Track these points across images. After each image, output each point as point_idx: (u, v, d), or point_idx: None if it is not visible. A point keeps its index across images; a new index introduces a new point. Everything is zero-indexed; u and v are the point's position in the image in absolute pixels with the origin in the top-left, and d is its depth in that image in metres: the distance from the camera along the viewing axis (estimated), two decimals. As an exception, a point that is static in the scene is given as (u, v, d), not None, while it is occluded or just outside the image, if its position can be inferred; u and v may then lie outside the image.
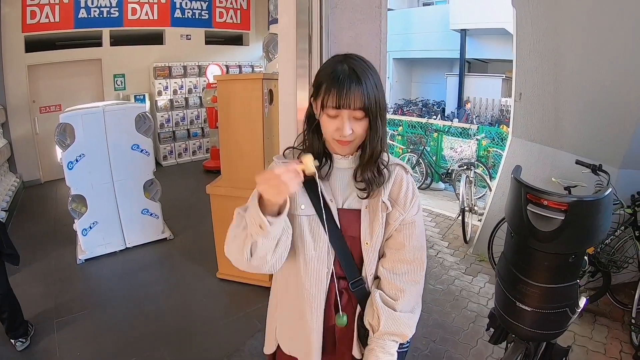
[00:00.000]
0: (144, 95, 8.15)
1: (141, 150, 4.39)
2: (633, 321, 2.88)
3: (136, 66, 8.03)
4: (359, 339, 1.30)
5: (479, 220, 4.67)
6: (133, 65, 8.00)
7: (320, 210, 1.21)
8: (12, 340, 2.89)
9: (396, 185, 1.25)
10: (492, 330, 2.21)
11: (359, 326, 1.28)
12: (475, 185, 5.19)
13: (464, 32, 13.55)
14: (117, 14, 7.55)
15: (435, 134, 7.32)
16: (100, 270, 4.11)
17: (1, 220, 3.10)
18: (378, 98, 1.12)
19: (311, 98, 1.20)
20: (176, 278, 3.98)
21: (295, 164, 1.05)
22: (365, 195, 1.22)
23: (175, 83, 8.37)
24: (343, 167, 1.26)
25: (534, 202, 1.81)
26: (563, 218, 1.72)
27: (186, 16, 8.45)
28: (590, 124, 3.37)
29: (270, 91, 3.41)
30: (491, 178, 5.75)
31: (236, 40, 9.53)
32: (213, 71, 8.12)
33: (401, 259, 1.25)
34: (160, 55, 8.26)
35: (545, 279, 1.81)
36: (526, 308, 1.86)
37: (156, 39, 8.32)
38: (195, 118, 8.75)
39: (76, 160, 4.00)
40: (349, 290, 1.27)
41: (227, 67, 8.80)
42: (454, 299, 3.53)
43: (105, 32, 7.55)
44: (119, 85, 7.95)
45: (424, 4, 17.13)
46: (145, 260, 4.31)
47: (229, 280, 3.72)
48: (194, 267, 4.07)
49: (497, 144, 6.64)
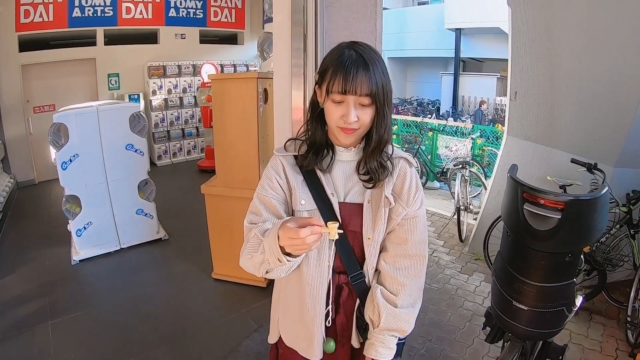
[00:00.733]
0: (139, 95, 8.11)
1: (135, 150, 4.36)
2: (628, 319, 2.90)
3: (130, 65, 7.97)
4: (358, 330, 1.30)
5: (474, 219, 4.68)
6: (127, 65, 7.94)
7: (321, 204, 1.20)
8: None
9: (400, 179, 1.24)
10: (489, 329, 2.21)
11: (358, 317, 1.28)
12: (470, 184, 5.19)
13: (458, 31, 13.59)
14: (112, 13, 7.49)
15: (430, 133, 7.32)
16: (94, 271, 4.07)
17: None
18: (385, 85, 1.10)
19: (316, 85, 1.17)
20: (171, 278, 3.96)
21: (319, 227, 1.02)
22: (370, 185, 1.20)
23: (169, 82, 8.32)
24: (345, 160, 1.24)
25: (531, 201, 1.81)
26: (560, 217, 1.71)
27: (181, 15, 8.40)
28: (586, 123, 3.38)
29: (265, 90, 3.39)
30: (486, 177, 5.75)
31: (231, 39, 9.50)
32: (207, 70, 8.07)
33: (403, 254, 1.24)
34: (155, 55, 8.20)
35: (541, 278, 1.80)
36: (523, 307, 1.86)
37: (150, 38, 8.27)
38: (190, 117, 8.71)
39: (70, 161, 3.96)
40: (349, 285, 1.26)
41: (222, 67, 8.77)
42: (450, 297, 3.53)
43: (100, 32, 7.50)
44: (113, 84, 7.90)
45: (419, 3, 17.17)
46: (140, 261, 4.28)
47: (224, 281, 3.70)
48: (189, 267, 4.05)
49: (492, 143, 6.66)
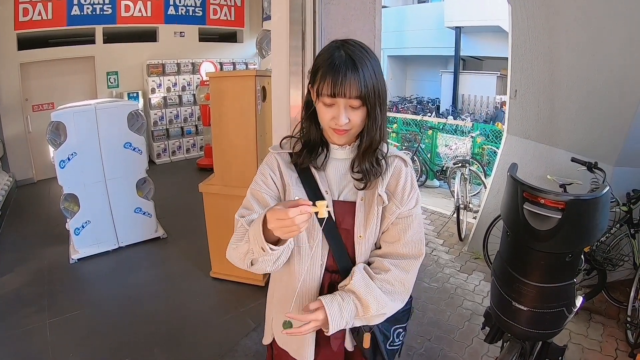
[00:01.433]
0: (138, 93, 8.08)
1: (134, 149, 4.34)
2: (628, 319, 2.89)
3: (129, 64, 7.94)
4: (351, 332, 1.29)
5: (473, 218, 4.67)
6: (126, 63, 7.91)
7: (315, 202, 1.20)
8: None
9: (394, 177, 1.23)
10: (488, 329, 2.20)
11: None
12: (470, 182, 5.18)
13: (458, 30, 13.58)
14: (110, 11, 7.46)
15: (430, 132, 7.31)
16: (93, 270, 4.07)
17: None
18: (376, 86, 1.08)
19: (309, 85, 1.17)
20: (169, 277, 3.95)
21: (308, 207, 1.00)
22: (362, 186, 1.19)
23: (168, 80, 8.29)
24: (340, 158, 1.24)
25: (531, 201, 1.79)
26: (560, 217, 1.70)
27: (180, 13, 8.37)
28: (586, 121, 3.37)
29: (263, 88, 3.37)
30: (486, 175, 5.74)
31: (230, 37, 9.47)
32: (207, 68, 8.05)
33: (394, 252, 1.23)
34: (154, 53, 8.17)
35: (541, 278, 1.79)
36: (522, 307, 1.84)
37: (149, 36, 8.24)
38: (189, 115, 8.69)
39: (68, 159, 3.95)
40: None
41: (221, 65, 8.74)
42: (449, 297, 3.52)
43: (98, 30, 7.47)
44: (112, 82, 7.87)
45: (419, 1, 17.15)
46: (138, 260, 4.27)
47: (223, 279, 3.69)
48: (188, 266, 4.04)
49: (492, 142, 6.65)
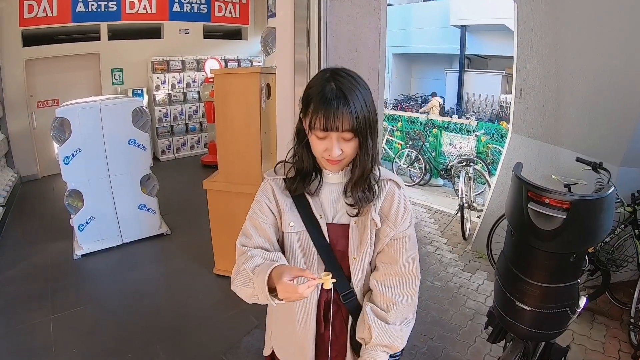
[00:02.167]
0: (142, 90, 8.11)
1: (138, 145, 4.35)
2: (632, 320, 2.87)
3: (134, 60, 7.97)
4: (352, 349, 1.31)
5: (477, 217, 4.66)
6: (131, 60, 7.93)
7: (309, 226, 1.24)
8: None
9: (387, 200, 1.25)
10: (491, 328, 2.19)
11: (352, 336, 1.29)
12: (474, 181, 5.17)
13: (464, 28, 13.52)
14: (115, 8, 7.47)
15: (434, 130, 7.29)
16: (96, 266, 4.08)
17: None
18: (367, 117, 1.10)
19: (301, 113, 1.19)
20: (173, 274, 3.96)
21: (314, 280, 1.05)
22: (355, 212, 1.21)
23: (173, 77, 8.30)
24: (333, 182, 1.26)
25: (535, 200, 1.79)
26: (565, 217, 1.69)
27: (184, 10, 8.38)
28: (591, 121, 3.35)
29: (268, 85, 3.37)
30: (490, 174, 5.73)
31: (235, 34, 9.46)
32: (211, 65, 8.04)
33: (393, 272, 1.25)
34: (159, 50, 8.19)
35: (545, 278, 1.78)
36: (526, 307, 1.84)
37: (154, 33, 8.25)
38: (193, 112, 8.70)
39: (72, 155, 3.96)
40: (339, 301, 1.28)
41: (226, 62, 8.75)
42: (452, 296, 3.51)
43: (103, 26, 7.47)
44: (116, 79, 7.89)
45: (424, 0, 17.06)
46: (142, 256, 4.29)
47: (226, 276, 3.68)
48: (191, 263, 4.05)
49: (497, 141, 6.63)
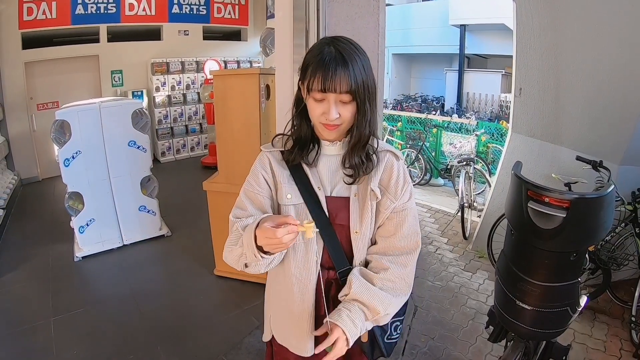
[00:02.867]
0: (142, 92, 8.11)
1: (138, 147, 4.35)
2: (633, 319, 2.86)
3: (134, 62, 7.97)
4: None
5: (478, 217, 4.65)
6: (131, 62, 7.93)
7: (308, 198, 1.21)
8: None
9: (386, 172, 1.23)
10: (492, 328, 2.19)
11: None
12: (474, 181, 5.17)
13: (463, 28, 13.50)
14: (115, 10, 7.47)
15: (434, 130, 7.29)
16: (97, 268, 4.08)
17: None
18: (366, 81, 1.10)
19: (299, 81, 1.17)
20: (173, 275, 3.97)
21: (296, 226, 1.03)
22: (351, 180, 1.19)
23: (173, 79, 8.31)
24: (331, 154, 1.24)
25: (535, 199, 1.78)
26: (565, 215, 1.68)
27: (184, 12, 8.38)
28: (591, 120, 3.35)
29: (267, 86, 3.37)
30: (490, 174, 5.72)
31: (234, 35, 9.47)
32: (211, 67, 8.04)
33: (392, 246, 1.23)
34: (158, 51, 8.19)
35: (545, 277, 1.78)
36: (526, 307, 1.83)
37: (154, 34, 8.26)
38: (193, 114, 8.70)
39: (72, 157, 3.97)
40: (338, 281, 1.25)
41: (225, 63, 8.75)
42: (453, 295, 3.51)
43: (103, 28, 7.48)
44: (116, 81, 7.89)
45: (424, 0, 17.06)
46: (143, 258, 4.28)
47: (226, 277, 3.70)
48: (191, 264, 4.05)
49: (497, 140, 6.63)
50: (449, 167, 6.52)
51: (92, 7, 7.19)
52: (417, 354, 2.78)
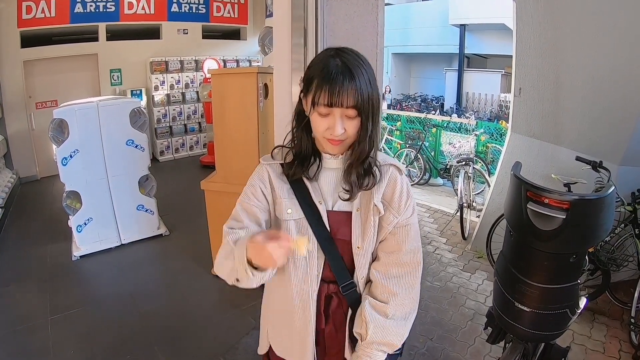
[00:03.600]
0: (141, 90, 8.10)
1: (136, 146, 4.34)
2: (632, 320, 2.86)
3: (133, 61, 7.95)
4: (351, 342, 1.26)
5: (477, 217, 4.65)
6: (129, 60, 7.91)
7: (308, 213, 1.18)
8: None
9: (390, 187, 1.20)
10: (490, 329, 2.18)
11: (351, 329, 1.24)
12: (473, 181, 5.16)
13: (463, 27, 13.51)
14: (113, 9, 7.45)
15: (433, 129, 7.29)
16: (95, 267, 4.07)
17: None
18: (371, 95, 1.06)
19: (301, 94, 1.14)
20: (171, 275, 3.96)
21: (288, 242, 1.00)
22: (346, 197, 1.17)
23: (172, 78, 8.29)
24: (332, 167, 1.21)
25: (535, 200, 1.77)
26: (564, 217, 1.68)
27: (183, 10, 8.36)
28: (591, 120, 3.34)
29: (266, 85, 3.36)
30: (490, 174, 5.72)
31: (233, 34, 9.45)
32: (210, 66, 8.02)
33: (395, 262, 1.20)
34: (157, 50, 8.17)
35: (545, 279, 1.77)
36: (525, 309, 1.83)
37: (153, 33, 8.24)
38: (192, 113, 8.69)
39: (70, 156, 3.95)
40: (339, 294, 1.23)
41: (225, 62, 8.74)
42: (452, 296, 3.50)
43: (102, 27, 7.46)
44: (115, 80, 7.87)
45: (423, -1, 17.07)
46: (141, 257, 4.27)
47: (224, 278, 3.68)
48: (189, 264, 4.04)
49: (496, 140, 6.62)
50: (448, 167, 6.51)
51: (91, 6, 7.18)
52: (416, 355, 2.77)
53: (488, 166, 6.21)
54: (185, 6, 8.37)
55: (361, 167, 1.15)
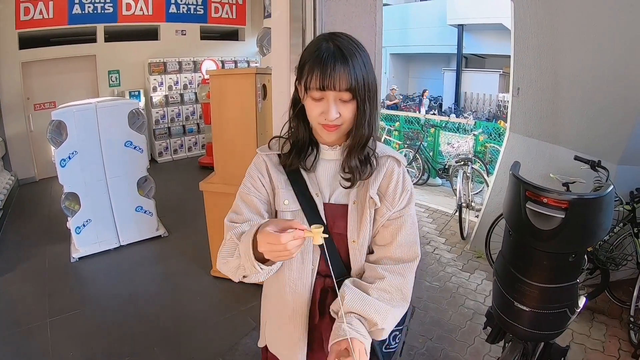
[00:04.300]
0: (139, 92, 8.09)
1: (134, 147, 4.33)
2: (631, 319, 2.86)
3: (131, 62, 7.94)
4: None
5: (476, 216, 4.65)
6: (128, 61, 7.91)
7: (305, 205, 1.15)
8: None
9: (386, 178, 1.17)
10: (490, 329, 2.18)
11: None
12: (472, 181, 5.16)
13: (461, 28, 13.55)
14: (112, 10, 7.45)
15: (432, 130, 7.29)
16: (94, 269, 4.06)
17: None
18: (367, 78, 1.04)
19: (296, 82, 1.11)
20: (170, 276, 3.95)
21: (302, 232, 0.95)
22: (348, 184, 1.14)
23: (170, 79, 8.29)
24: (330, 159, 1.19)
25: (533, 200, 1.77)
26: (563, 216, 1.67)
27: (181, 11, 8.36)
28: (589, 120, 3.34)
29: (264, 86, 3.36)
30: (488, 174, 5.72)
31: (232, 35, 9.45)
32: (208, 67, 8.03)
33: (388, 256, 1.17)
34: (155, 51, 8.17)
35: (544, 278, 1.77)
36: (524, 308, 1.83)
37: (151, 34, 8.23)
38: (190, 114, 8.68)
39: (69, 158, 3.94)
40: (335, 289, 1.17)
41: (223, 63, 8.74)
42: (451, 296, 3.50)
43: (100, 28, 7.46)
44: (113, 81, 7.87)
45: (421, -1, 17.10)
46: (139, 258, 4.26)
47: (223, 278, 3.66)
48: (188, 265, 4.03)
49: (495, 140, 6.62)
50: (446, 167, 6.52)
51: (89, 7, 7.17)
52: (415, 355, 2.77)
53: (487, 166, 6.22)
54: (183, 7, 8.36)
55: (362, 153, 1.12)
